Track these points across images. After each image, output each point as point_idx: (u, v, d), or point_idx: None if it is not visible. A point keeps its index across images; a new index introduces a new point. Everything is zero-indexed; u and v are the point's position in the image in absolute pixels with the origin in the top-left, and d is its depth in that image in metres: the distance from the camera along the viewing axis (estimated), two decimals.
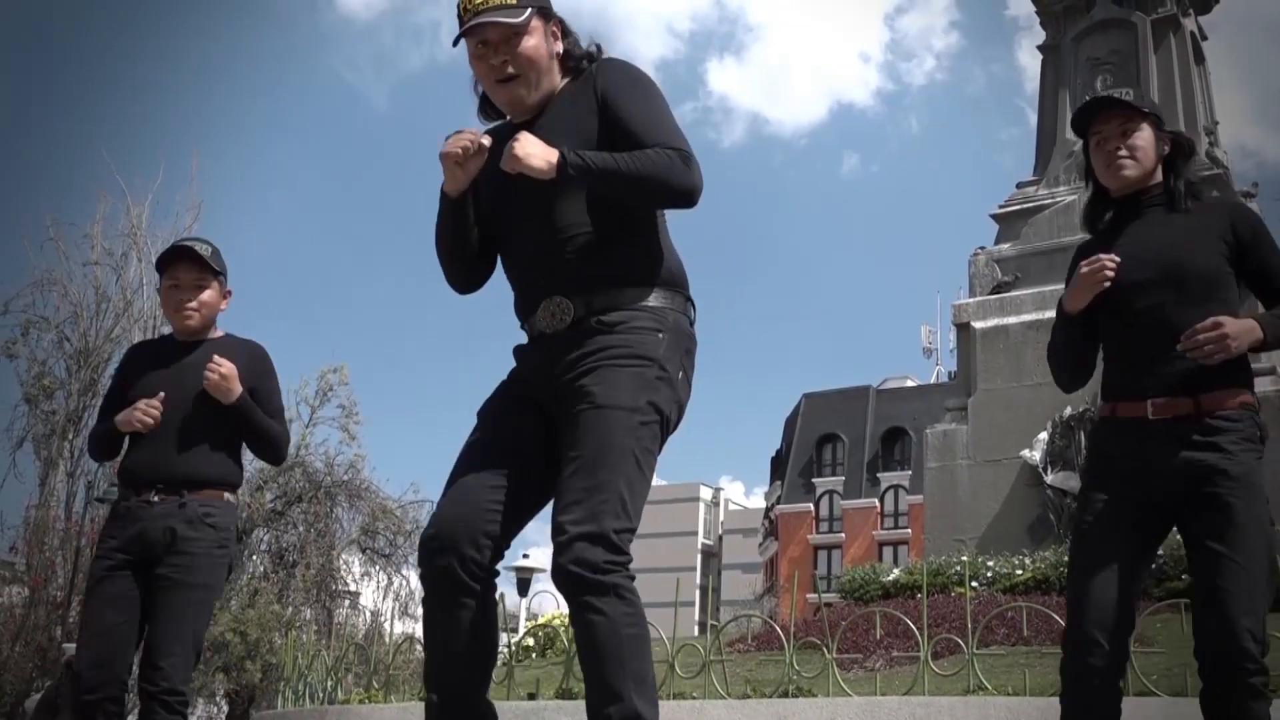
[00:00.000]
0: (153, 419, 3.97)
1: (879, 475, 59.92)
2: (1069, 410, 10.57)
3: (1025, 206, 12.59)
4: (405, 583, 21.29)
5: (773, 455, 67.20)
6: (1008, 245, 12.40)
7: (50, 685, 12.48)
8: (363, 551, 21.36)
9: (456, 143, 2.80)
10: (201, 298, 4.18)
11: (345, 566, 21.25)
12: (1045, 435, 10.79)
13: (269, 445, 4.22)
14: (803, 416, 62.67)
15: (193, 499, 3.99)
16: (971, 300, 12.25)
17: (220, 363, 4.00)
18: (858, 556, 52.26)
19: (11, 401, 18.98)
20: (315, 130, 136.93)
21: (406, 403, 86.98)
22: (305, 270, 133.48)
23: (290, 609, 18.83)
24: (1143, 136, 3.22)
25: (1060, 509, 10.41)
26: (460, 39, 2.83)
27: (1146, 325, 3.09)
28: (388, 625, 18.96)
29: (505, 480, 2.72)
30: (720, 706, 5.56)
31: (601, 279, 2.78)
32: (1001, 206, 12.99)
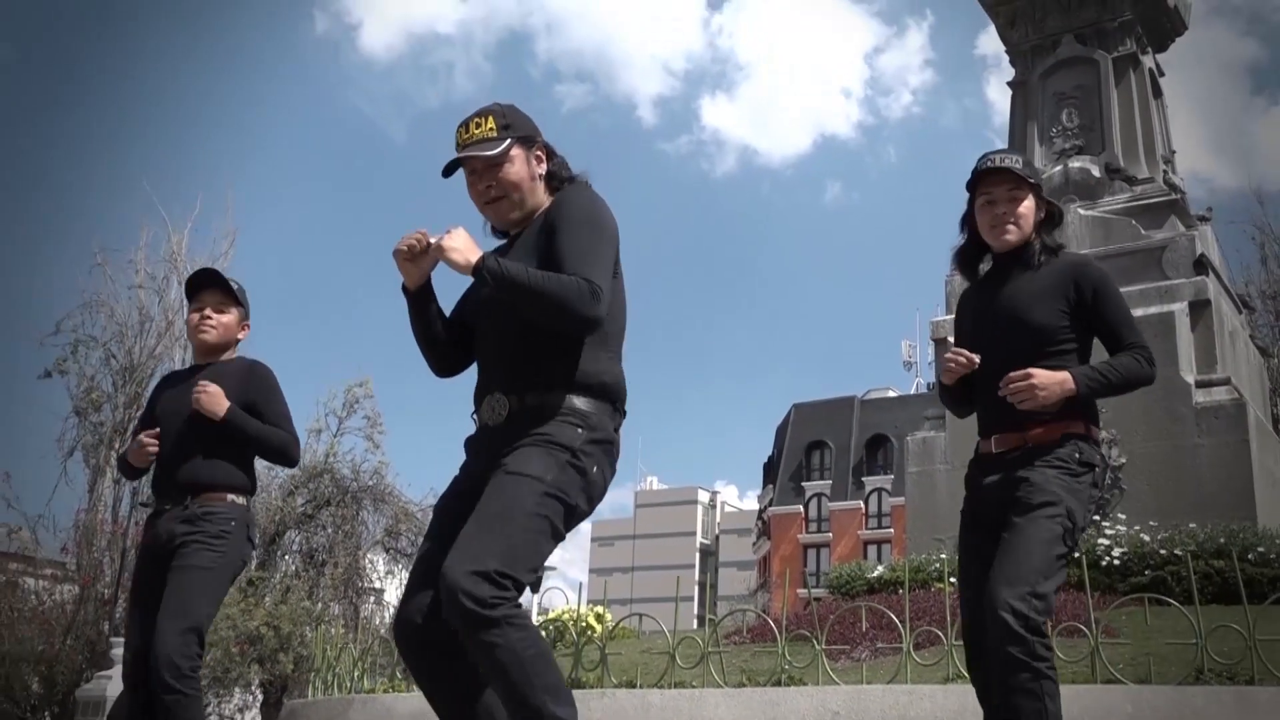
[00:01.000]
0: (151, 452, 4.15)
1: (864, 479, 59.84)
2: None
3: None
4: None
5: (765, 461, 67.14)
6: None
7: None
8: (386, 551, 21.30)
9: (404, 241, 2.89)
10: (221, 319, 4.27)
11: (370, 565, 21.19)
12: None
13: (271, 451, 4.23)
14: (792, 425, 62.62)
15: (194, 503, 4.08)
16: (948, 317, 12.22)
17: (204, 386, 4.09)
18: (844, 555, 52.12)
19: (62, 414, 18.98)
20: (340, 162, 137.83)
21: (427, 412, 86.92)
22: (332, 290, 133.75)
23: (320, 605, 18.78)
24: (1027, 204, 3.39)
25: None
26: (455, 168, 2.92)
27: (993, 374, 3.26)
28: None
29: None
30: (718, 695, 5.55)
31: (534, 383, 2.80)
32: None
